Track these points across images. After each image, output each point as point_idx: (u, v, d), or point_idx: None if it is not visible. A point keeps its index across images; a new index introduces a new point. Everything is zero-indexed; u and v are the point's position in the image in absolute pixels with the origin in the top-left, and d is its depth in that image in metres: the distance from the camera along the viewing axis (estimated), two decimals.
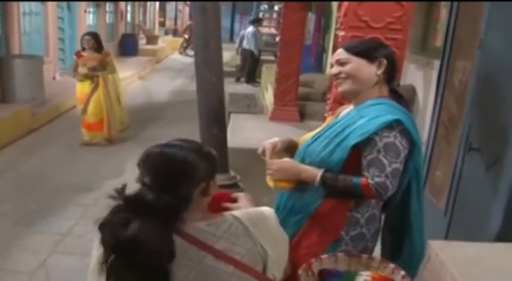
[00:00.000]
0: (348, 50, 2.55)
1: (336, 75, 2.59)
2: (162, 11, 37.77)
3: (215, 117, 4.29)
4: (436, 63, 4.88)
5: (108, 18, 21.85)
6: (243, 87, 14.88)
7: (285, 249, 2.17)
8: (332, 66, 2.66)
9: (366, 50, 2.53)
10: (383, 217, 2.73)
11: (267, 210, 2.15)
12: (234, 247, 1.92)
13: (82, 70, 8.63)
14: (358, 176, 2.41)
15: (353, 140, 2.40)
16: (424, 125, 5.01)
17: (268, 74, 11.01)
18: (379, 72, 2.51)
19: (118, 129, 9.10)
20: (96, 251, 1.90)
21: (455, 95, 4.14)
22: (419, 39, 7.12)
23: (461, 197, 3.80)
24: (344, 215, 2.54)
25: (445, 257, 2.26)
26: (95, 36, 8.82)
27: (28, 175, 7.25)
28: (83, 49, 8.73)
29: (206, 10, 4.11)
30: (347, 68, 2.53)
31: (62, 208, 6.12)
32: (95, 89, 8.65)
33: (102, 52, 8.79)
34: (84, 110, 8.70)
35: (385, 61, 2.50)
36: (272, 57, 16.33)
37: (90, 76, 8.60)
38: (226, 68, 18.57)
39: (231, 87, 14.12)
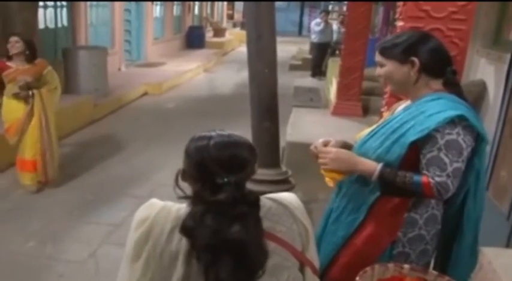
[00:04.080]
0: (381, 52, 2.47)
1: (379, 77, 2.53)
2: (231, 4, 37.95)
3: (267, 110, 4.16)
4: (508, 57, 4.60)
5: (176, 11, 22.12)
6: (310, 81, 14.67)
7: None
8: None
9: (397, 52, 2.40)
10: None
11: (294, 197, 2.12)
12: (276, 225, 1.93)
13: (12, 88, 6.01)
14: (419, 174, 2.27)
15: (412, 136, 2.27)
16: (494, 122, 4.73)
17: (334, 67, 10.80)
18: (412, 72, 2.37)
19: (57, 169, 6.40)
20: (133, 234, 1.87)
21: None
22: (492, 32, 6.80)
23: None
24: (401, 216, 2.41)
25: (498, 266, 2.07)
26: (25, 39, 6.12)
27: (87, 164, 7.30)
28: (9, 58, 6.06)
29: (260, 1, 3.99)
30: (383, 71, 2.47)
31: (116, 199, 6.13)
32: (30, 113, 6.08)
33: (36, 62, 6.18)
34: (19, 143, 6.17)
35: (416, 61, 2.35)
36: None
37: (23, 96, 6.04)
38: (293, 62, 18.71)
39: (298, 80, 13.96)
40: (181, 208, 1.87)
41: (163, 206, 1.90)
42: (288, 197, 2.07)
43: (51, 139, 6.22)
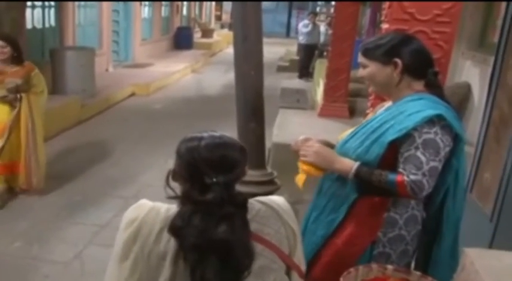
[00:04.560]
0: (364, 53, 2.49)
1: (362, 78, 2.56)
2: (219, 5, 37.91)
3: (253, 112, 4.18)
4: (493, 59, 4.64)
5: (164, 11, 22.05)
6: (297, 82, 14.68)
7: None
8: None
9: (380, 53, 2.43)
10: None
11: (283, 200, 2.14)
12: (264, 228, 1.94)
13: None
14: (395, 173, 2.29)
15: (391, 135, 2.29)
16: (478, 124, 4.77)
17: (321, 69, 10.83)
18: (395, 74, 2.40)
19: (43, 176, 6.11)
20: (121, 234, 1.89)
21: (508, 94, 3.91)
22: (477, 35, 6.87)
23: (510, 202, 3.56)
24: (381, 216, 2.44)
25: (480, 267, 2.10)
26: (12, 42, 5.83)
27: (73, 165, 7.29)
28: None
29: (246, 2, 4.02)
30: (365, 72, 2.50)
31: (103, 200, 6.12)
32: (17, 117, 5.81)
33: (24, 65, 5.92)
34: (3, 148, 5.80)
35: (399, 62, 2.38)
36: None
37: (10, 100, 5.78)
38: (280, 63, 18.75)
39: (285, 82, 13.99)
40: (171, 208, 1.89)
41: (153, 207, 1.92)
42: (277, 200, 2.08)
43: (37, 144, 5.93)
